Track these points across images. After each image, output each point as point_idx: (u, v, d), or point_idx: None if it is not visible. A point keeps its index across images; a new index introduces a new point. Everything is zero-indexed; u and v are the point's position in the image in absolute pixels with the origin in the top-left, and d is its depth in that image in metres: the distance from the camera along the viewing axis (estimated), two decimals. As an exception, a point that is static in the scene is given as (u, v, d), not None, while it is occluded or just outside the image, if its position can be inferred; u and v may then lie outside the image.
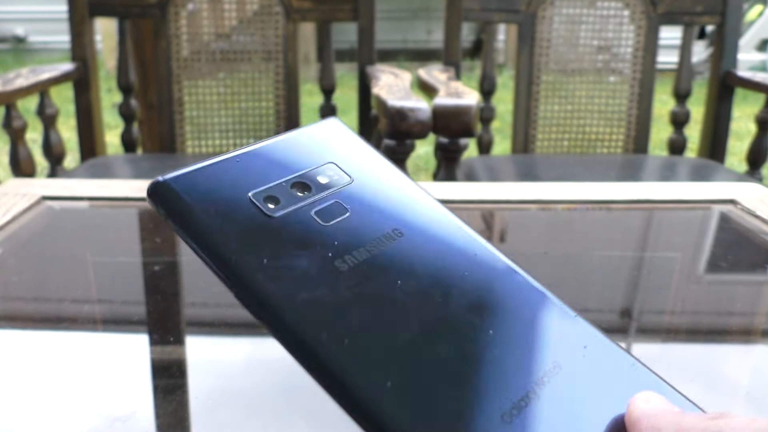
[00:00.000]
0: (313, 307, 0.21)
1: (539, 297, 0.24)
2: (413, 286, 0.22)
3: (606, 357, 0.22)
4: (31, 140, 1.40)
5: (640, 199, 0.72)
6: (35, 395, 0.39)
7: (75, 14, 1.35)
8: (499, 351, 0.21)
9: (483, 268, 0.24)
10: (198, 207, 0.22)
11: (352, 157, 0.26)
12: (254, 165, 0.24)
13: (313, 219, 0.23)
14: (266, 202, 0.23)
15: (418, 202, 0.26)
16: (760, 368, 0.45)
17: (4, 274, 0.56)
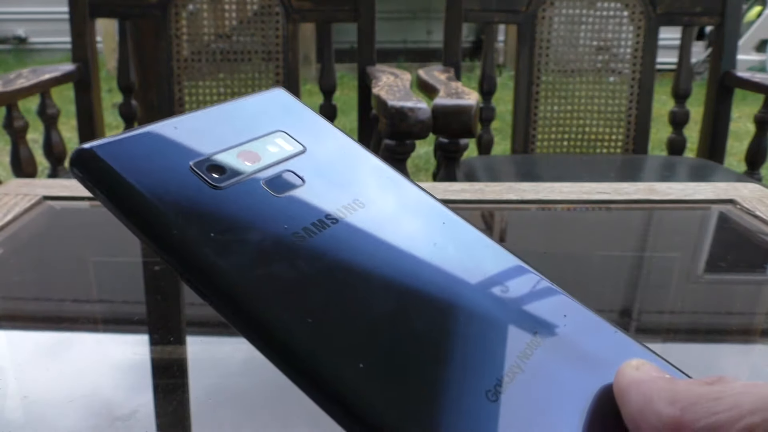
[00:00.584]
0: (272, 284, 0.18)
1: (513, 265, 0.22)
2: (380, 258, 0.20)
3: (588, 326, 0.21)
4: (32, 140, 1.40)
5: (639, 199, 0.73)
6: (35, 395, 0.39)
7: (76, 15, 1.35)
8: (477, 324, 0.20)
9: (452, 237, 0.22)
10: (131, 177, 0.19)
11: (303, 127, 0.24)
12: (195, 132, 0.22)
13: (264, 190, 0.21)
14: (210, 172, 0.20)
15: (378, 171, 0.24)
16: (760, 368, 0.45)
17: (5, 274, 0.56)
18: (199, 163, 0.21)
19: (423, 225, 0.22)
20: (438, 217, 0.23)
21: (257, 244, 0.19)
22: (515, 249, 0.23)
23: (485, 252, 0.23)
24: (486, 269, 0.22)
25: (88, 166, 0.20)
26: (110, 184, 0.19)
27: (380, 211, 0.22)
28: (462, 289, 0.21)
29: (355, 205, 0.22)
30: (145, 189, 0.19)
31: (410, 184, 0.24)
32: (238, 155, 0.22)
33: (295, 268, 0.19)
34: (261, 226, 0.20)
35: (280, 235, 0.20)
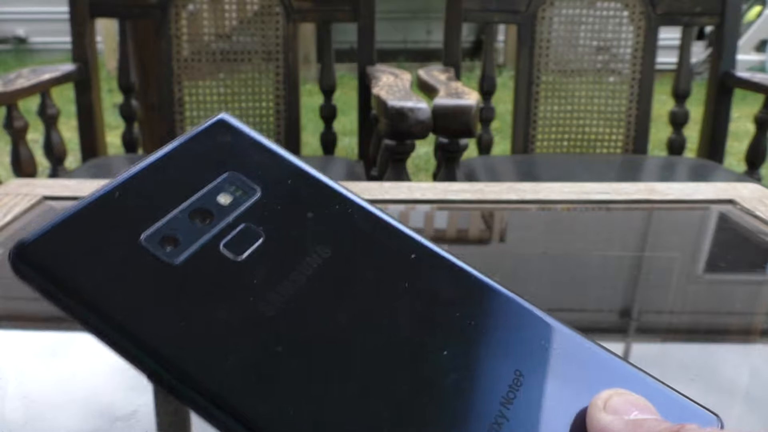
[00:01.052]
0: (247, 374, 0.17)
1: (488, 292, 0.21)
2: (352, 316, 0.19)
3: (567, 350, 0.20)
4: (32, 140, 1.40)
5: (639, 199, 0.73)
6: (35, 395, 0.39)
7: (76, 15, 1.35)
8: (458, 373, 0.19)
9: (422, 271, 0.21)
10: (79, 273, 0.18)
11: (253, 161, 0.22)
12: (139, 195, 0.20)
13: (222, 255, 0.19)
14: (163, 246, 0.19)
15: (337, 204, 0.22)
16: (760, 368, 0.45)
17: (5, 274, 0.56)
18: (150, 237, 0.19)
19: (390, 263, 0.21)
20: (404, 246, 0.22)
21: (224, 327, 0.18)
22: (515, 249, 0.23)
23: (459, 281, 0.21)
24: (462, 303, 0.20)
25: (30, 265, 0.18)
26: (58, 285, 0.18)
27: (344, 257, 0.21)
28: (440, 335, 0.19)
29: (318, 254, 0.20)
30: (96, 285, 0.17)
31: (370, 210, 0.22)
32: (189, 215, 0.20)
33: (265, 351, 0.17)
34: (225, 302, 0.18)
35: (246, 309, 0.18)
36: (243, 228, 0.20)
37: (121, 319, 0.17)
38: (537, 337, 0.20)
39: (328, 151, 1.46)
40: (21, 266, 0.18)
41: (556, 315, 0.21)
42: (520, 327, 0.20)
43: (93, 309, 0.17)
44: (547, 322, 0.21)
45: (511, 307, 0.21)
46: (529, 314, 0.21)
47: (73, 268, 0.18)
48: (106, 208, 0.19)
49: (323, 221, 0.21)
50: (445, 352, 0.19)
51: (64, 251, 0.18)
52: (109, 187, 0.20)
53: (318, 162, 1.39)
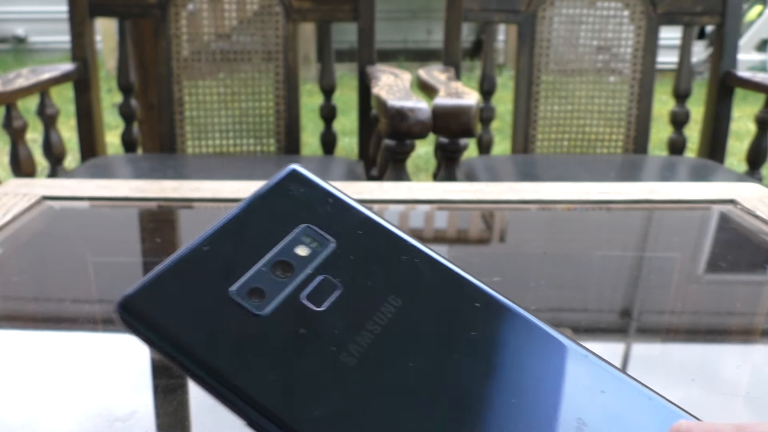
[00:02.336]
0: (334, 423, 0.19)
1: (548, 341, 0.22)
2: (425, 362, 0.20)
3: (624, 397, 0.21)
4: (31, 140, 1.40)
5: (639, 199, 0.73)
6: (35, 395, 0.39)
7: (75, 14, 1.35)
8: (526, 422, 0.20)
9: (486, 320, 0.22)
10: (178, 324, 0.19)
11: (325, 212, 0.24)
12: (224, 249, 0.22)
13: (304, 306, 0.21)
14: (250, 298, 0.20)
15: (404, 252, 0.24)
16: (760, 368, 0.45)
17: (4, 274, 0.56)
18: (238, 290, 0.21)
19: (456, 311, 0.22)
20: (469, 294, 0.23)
21: (310, 378, 0.19)
22: (515, 249, 0.23)
23: (523, 331, 0.22)
24: (526, 353, 0.22)
25: (135, 316, 0.20)
26: (162, 336, 0.19)
27: (415, 305, 0.22)
28: (507, 383, 0.21)
29: (391, 303, 0.22)
30: (193, 336, 0.19)
31: (435, 259, 0.24)
32: (272, 268, 0.21)
33: (349, 399, 0.19)
34: (310, 353, 0.20)
35: (329, 360, 0.20)
36: (322, 280, 0.22)
37: (217, 368, 0.19)
38: (595, 385, 0.21)
39: (328, 151, 1.46)
40: (126, 317, 0.20)
41: (557, 315, 0.21)
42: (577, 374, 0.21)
43: (192, 358, 0.19)
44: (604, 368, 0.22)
45: (568, 354, 0.22)
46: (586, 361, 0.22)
47: (172, 320, 0.20)
48: (196, 262, 0.21)
49: (393, 270, 0.23)
50: (513, 401, 0.20)
51: (163, 304, 0.20)
52: (198, 242, 0.22)
53: (318, 162, 1.39)
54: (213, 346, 0.19)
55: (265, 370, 0.19)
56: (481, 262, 0.61)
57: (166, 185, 0.74)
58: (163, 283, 0.20)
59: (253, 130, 1.43)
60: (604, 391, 0.21)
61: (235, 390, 0.19)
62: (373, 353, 0.20)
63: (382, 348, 0.20)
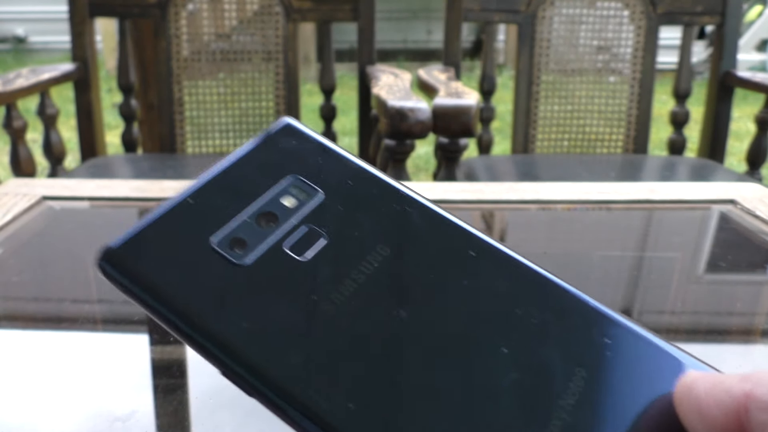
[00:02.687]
0: (311, 370, 0.18)
1: (548, 287, 0.21)
2: (411, 312, 0.20)
3: (630, 346, 0.20)
4: (31, 140, 1.40)
5: (639, 199, 0.73)
6: (35, 395, 0.39)
7: (75, 14, 1.35)
8: (518, 372, 0.19)
9: (483, 268, 0.21)
10: (160, 275, 0.20)
11: (316, 164, 0.23)
12: (210, 201, 0.22)
13: (287, 255, 0.21)
14: (232, 248, 0.20)
15: (398, 204, 0.23)
16: (760, 368, 0.45)
17: (4, 274, 0.56)
18: (221, 241, 0.20)
19: (449, 259, 0.22)
20: (465, 243, 0.22)
21: (289, 326, 0.19)
22: (515, 249, 0.23)
23: (518, 279, 0.21)
24: (521, 300, 0.21)
25: (117, 267, 0.20)
26: (142, 287, 0.20)
27: (404, 254, 0.21)
28: (499, 331, 0.20)
29: (379, 252, 0.21)
30: (175, 287, 0.19)
31: (430, 208, 0.23)
32: (256, 219, 0.21)
33: (328, 347, 0.19)
34: (289, 301, 0.19)
35: (309, 308, 0.19)
36: (306, 230, 0.21)
37: (197, 318, 0.19)
38: (597, 334, 0.20)
39: (328, 151, 1.46)
40: (107, 269, 0.20)
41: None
42: (580, 323, 0.21)
43: (172, 309, 0.19)
44: (608, 316, 0.21)
45: (572, 302, 0.21)
46: (589, 309, 0.21)
47: (154, 270, 0.20)
48: (180, 213, 0.21)
49: (383, 221, 0.22)
50: (505, 350, 0.19)
51: (145, 255, 0.20)
52: (183, 194, 0.22)
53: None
54: (192, 297, 0.19)
55: (242, 319, 0.19)
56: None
57: (166, 185, 0.74)
58: (145, 235, 0.20)
59: (253, 130, 1.43)
60: (608, 340, 0.20)
61: (212, 339, 0.19)
62: (355, 302, 0.20)
63: (366, 297, 0.20)
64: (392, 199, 0.23)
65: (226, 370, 0.18)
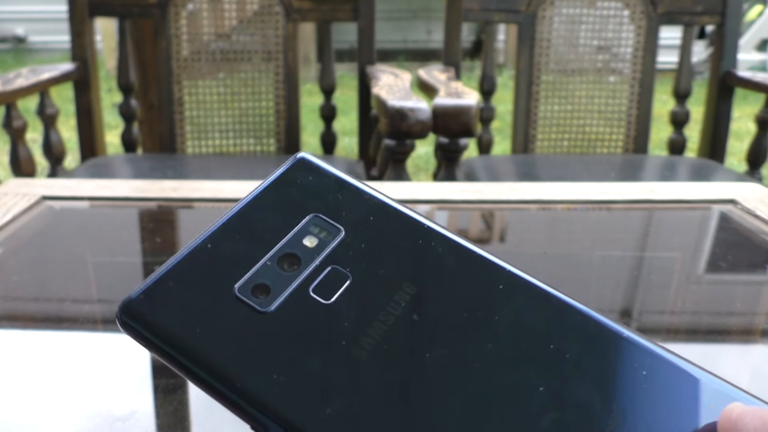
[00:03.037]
0: (346, 422, 0.17)
1: (579, 319, 0.20)
2: (443, 353, 0.19)
3: (668, 379, 0.19)
4: (31, 140, 1.40)
5: (640, 199, 0.73)
6: (35, 395, 0.39)
7: (75, 14, 1.35)
8: (556, 412, 0.18)
9: (512, 303, 0.21)
10: (181, 327, 0.19)
11: (334, 200, 0.22)
12: (229, 245, 0.21)
13: (312, 299, 0.20)
14: (256, 295, 0.19)
15: (418, 236, 0.22)
16: (760, 368, 0.45)
17: (4, 274, 0.56)
18: (243, 287, 0.20)
19: (478, 294, 0.21)
20: (492, 276, 0.21)
21: (319, 376, 0.18)
22: (515, 249, 0.22)
23: (549, 311, 0.20)
24: (554, 335, 0.20)
25: (136, 320, 0.19)
26: (162, 340, 0.19)
27: (431, 291, 0.20)
28: (535, 371, 0.19)
29: (405, 291, 0.20)
30: (197, 339, 0.18)
31: (453, 240, 0.22)
32: (278, 262, 0.20)
33: (362, 396, 0.18)
34: (318, 349, 0.18)
35: (339, 355, 0.18)
36: (330, 271, 0.20)
37: (222, 371, 0.18)
38: (634, 365, 0.19)
39: (328, 151, 1.46)
40: (128, 322, 0.19)
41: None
42: (614, 355, 0.20)
43: (196, 362, 0.18)
44: (641, 345, 0.20)
45: (605, 334, 0.20)
46: (621, 339, 0.20)
47: (175, 322, 0.19)
48: (199, 260, 0.20)
49: (407, 257, 0.21)
50: (541, 389, 0.18)
51: (165, 307, 0.19)
52: (201, 239, 0.21)
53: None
54: (216, 348, 0.18)
55: (270, 369, 0.18)
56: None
57: (166, 185, 0.74)
58: (164, 285, 0.20)
59: (253, 130, 1.43)
60: (645, 374, 0.19)
61: (239, 393, 0.18)
62: (386, 345, 0.19)
63: (396, 339, 0.19)
64: (415, 232, 0.22)
65: (258, 425, 0.18)
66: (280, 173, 0.23)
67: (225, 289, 0.20)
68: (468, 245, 0.22)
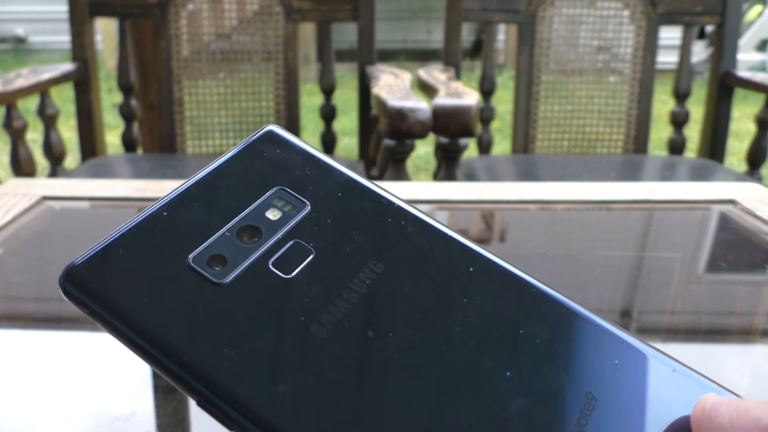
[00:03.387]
0: (298, 401, 0.16)
1: (551, 305, 0.20)
2: (407, 336, 0.18)
3: (642, 369, 0.19)
4: (31, 140, 1.40)
5: (639, 199, 0.73)
6: (35, 395, 0.39)
7: (75, 14, 1.35)
8: (523, 398, 0.17)
9: (482, 285, 0.20)
10: (127, 296, 0.17)
11: (302, 174, 0.21)
12: (187, 214, 0.20)
13: (272, 273, 0.19)
14: (211, 266, 0.18)
15: (389, 215, 0.21)
16: (760, 368, 0.45)
17: (5, 274, 0.56)
18: (197, 257, 0.18)
19: (447, 276, 0.20)
20: (463, 258, 0.20)
21: (274, 352, 0.17)
22: (515, 249, 0.22)
23: (519, 295, 0.20)
24: (525, 319, 0.19)
25: (79, 287, 0.18)
26: (107, 308, 0.17)
27: (398, 270, 0.20)
28: (504, 354, 0.18)
29: (371, 269, 0.19)
30: (144, 309, 0.17)
31: (424, 220, 0.21)
32: (237, 234, 0.19)
33: (318, 375, 0.17)
34: (274, 324, 0.17)
35: (297, 331, 0.17)
36: (292, 245, 0.20)
37: (168, 343, 0.17)
38: (606, 354, 0.19)
39: (328, 151, 1.46)
40: (71, 289, 0.18)
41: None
42: (586, 342, 0.19)
43: (140, 332, 0.17)
44: (614, 335, 0.19)
45: (576, 321, 0.19)
46: (594, 327, 0.19)
47: (122, 290, 0.18)
48: (154, 228, 0.19)
49: (375, 234, 0.20)
50: (508, 374, 0.18)
51: (112, 274, 0.18)
52: (157, 206, 0.20)
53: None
54: (163, 319, 0.17)
55: (220, 342, 0.17)
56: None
57: (166, 185, 0.74)
58: (113, 252, 0.18)
59: (253, 130, 1.43)
60: (618, 363, 0.18)
61: (184, 366, 0.17)
62: (347, 324, 0.18)
63: (358, 318, 0.18)
64: (383, 210, 0.21)
65: (202, 400, 0.17)
66: (247, 144, 0.22)
67: (178, 259, 0.18)
68: (438, 226, 0.21)
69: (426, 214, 0.22)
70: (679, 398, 0.18)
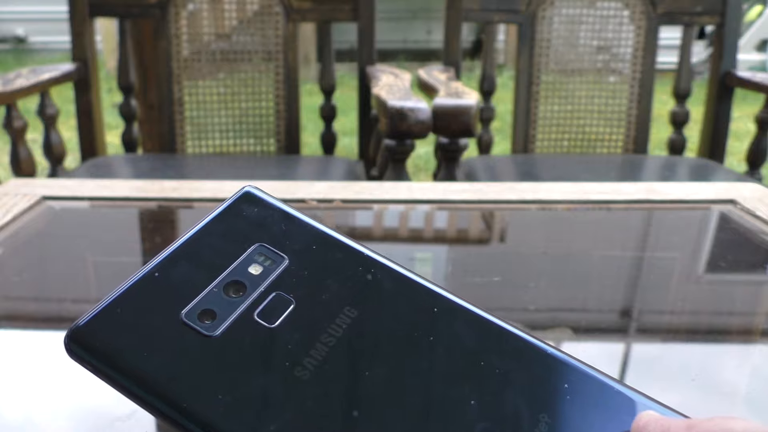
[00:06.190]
0: None
1: (508, 338, 0.22)
2: (381, 371, 0.20)
3: (590, 391, 0.21)
4: (31, 140, 1.40)
5: (639, 199, 0.73)
6: (35, 395, 0.39)
7: (75, 14, 1.35)
8: (489, 422, 0.19)
9: (445, 323, 0.22)
10: (128, 352, 0.19)
11: (279, 230, 0.24)
12: (177, 273, 0.22)
13: (257, 323, 0.21)
14: (202, 320, 0.20)
15: (359, 264, 0.23)
16: (760, 368, 0.45)
17: (4, 274, 0.56)
18: (189, 313, 0.20)
19: (414, 317, 0.22)
20: (427, 300, 0.23)
21: (263, 396, 0.19)
22: (515, 249, 0.23)
23: (480, 331, 0.22)
24: (486, 353, 0.21)
25: (83, 347, 0.20)
26: (110, 366, 0.19)
27: (370, 314, 0.22)
28: (469, 384, 0.20)
29: (346, 315, 0.21)
30: (144, 364, 0.19)
31: (391, 268, 0.24)
32: (224, 289, 0.21)
33: (304, 413, 0.19)
34: (262, 370, 0.20)
35: (283, 376, 0.19)
36: (274, 296, 0.22)
37: (169, 395, 0.19)
38: (557, 379, 0.21)
39: (328, 151, 1.46)
40: (75, 349, 0.20)
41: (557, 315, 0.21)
42: (540, 370, 0.21)
43: (142, 385, 0.19)
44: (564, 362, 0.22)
45: (530, 351, 0.22)
46: (546, 356, 0.22)
47: (122, 348, 0.20)
48: (148, 287, 0.21)
49: (348, 283, 0.23)
50: (472, 402, 0.20)
51: (112, 333, 0.20)
52: (149, 268, 0.22)
53: (318, 162, 1.39)
54: (163, 372, 0.19)
55: (216, 390, 0.19)
56: (481, 262, 0.61)
57: (166, 185, 0.74)
58: (112, 312, 0.20)
59: (253, 130, 1.43)
60: (568, 387, 0.21)
61: (186, 414, 0.18)
62: (327, 365, 0.20)
63: (337, 360, 0.20)
64: (355, 260, 0.23)
65: None
66: (227, 205, 0.24)
67: (172, 315, 0.20)
68: (404, 272, 0.23)
69: (393, 262, 0.24)
70: (622, 417, 0.20)
